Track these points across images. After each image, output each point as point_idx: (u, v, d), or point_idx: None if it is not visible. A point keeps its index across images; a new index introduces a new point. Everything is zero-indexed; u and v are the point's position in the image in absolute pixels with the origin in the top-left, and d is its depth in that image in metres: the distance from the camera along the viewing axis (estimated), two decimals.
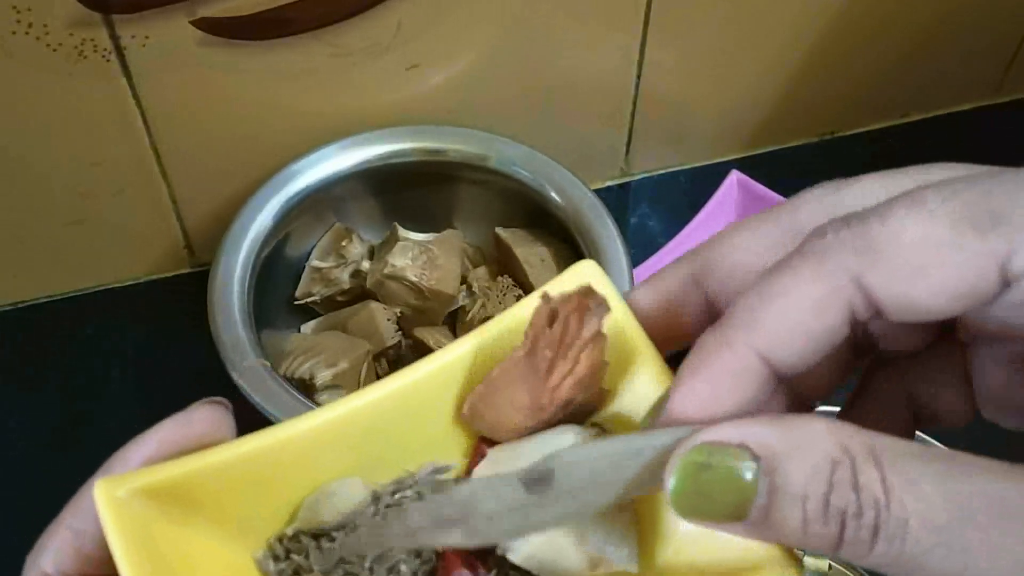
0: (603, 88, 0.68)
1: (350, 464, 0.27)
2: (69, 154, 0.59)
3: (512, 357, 0.27)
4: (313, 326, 0.63)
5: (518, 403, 0.26)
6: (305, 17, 0.57)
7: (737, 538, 0.24)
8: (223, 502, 0.25)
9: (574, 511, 0.24)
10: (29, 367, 0.64)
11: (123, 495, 0.23)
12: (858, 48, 0.71)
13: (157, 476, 0.24)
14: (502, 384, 0.27)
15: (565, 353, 0.26)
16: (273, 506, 0.26)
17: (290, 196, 0.59)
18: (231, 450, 0.25)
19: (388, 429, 0.27)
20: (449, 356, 0.27)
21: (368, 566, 0.26)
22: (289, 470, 0.26)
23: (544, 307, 0.26)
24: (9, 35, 0.52)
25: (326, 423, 0.26)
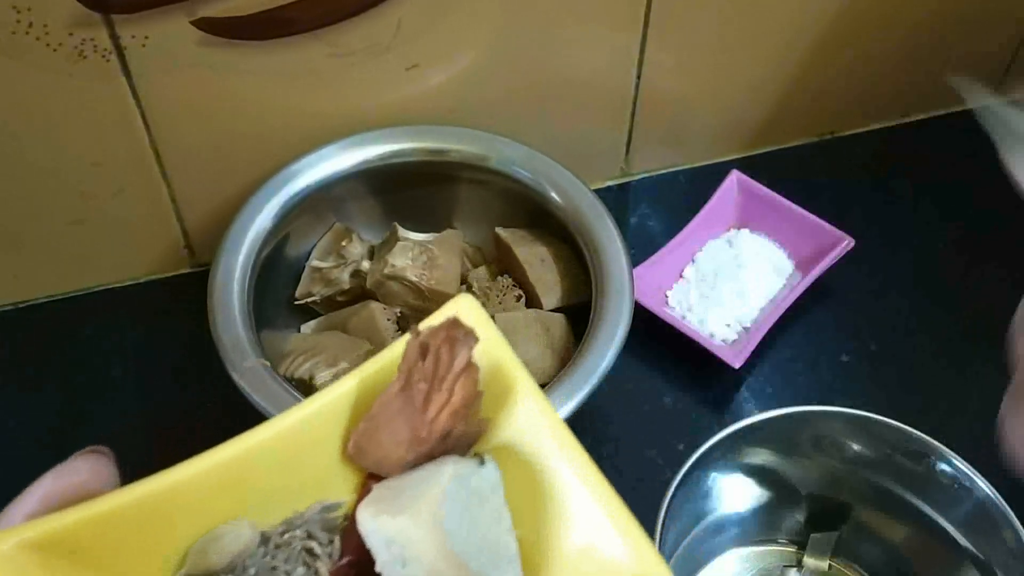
0: (603, 88, 0.68)
1: (238, 506, 0.27)
2: (69, 154, 0.59)
3: (388, 392, 0.27)
4: (313, 326, 0.63)
5: (399, 437, 0.27)
6: (305, 17, 0.57)
7: (617, 557, 0.25)
8: (110, 552, 0.24)
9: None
10: (29, 367, 0.64)
11: (5, 550, 0.22)
12: (858, 48, 0.71)
13: (40, 528, 0.23)
14: (382, 420, 0.27)
15: (440, 385, 0.27)
16: (161, 553, 0.26)
17: (290, 196, 0.59)
18: (115, 499, 0.24)
19: (274, 470, 0.27)
20: (331, 395, 0.28)
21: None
22: (175, 516, 0.26)
23: (414, 340, 0.27)
24: (9, 35, 0.52)
25: (211, 467, 0.26)
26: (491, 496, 0.27)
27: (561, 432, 0.28)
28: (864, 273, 0.69)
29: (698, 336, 0.63)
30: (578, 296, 0.61)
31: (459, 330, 0.27)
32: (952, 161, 0.76)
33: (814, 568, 0.55)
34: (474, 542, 0.25)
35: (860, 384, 0.64)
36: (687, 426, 0.62)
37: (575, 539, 0.26)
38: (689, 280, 0.68)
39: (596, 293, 0.56)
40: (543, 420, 0.28)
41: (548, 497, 0.27)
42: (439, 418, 0.27)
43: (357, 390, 0.28)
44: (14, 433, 0.62)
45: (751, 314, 0.65)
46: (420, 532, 0.25)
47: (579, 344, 0.54)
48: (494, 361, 0.28)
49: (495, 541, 0.26)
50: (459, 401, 0.27)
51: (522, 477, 0.27)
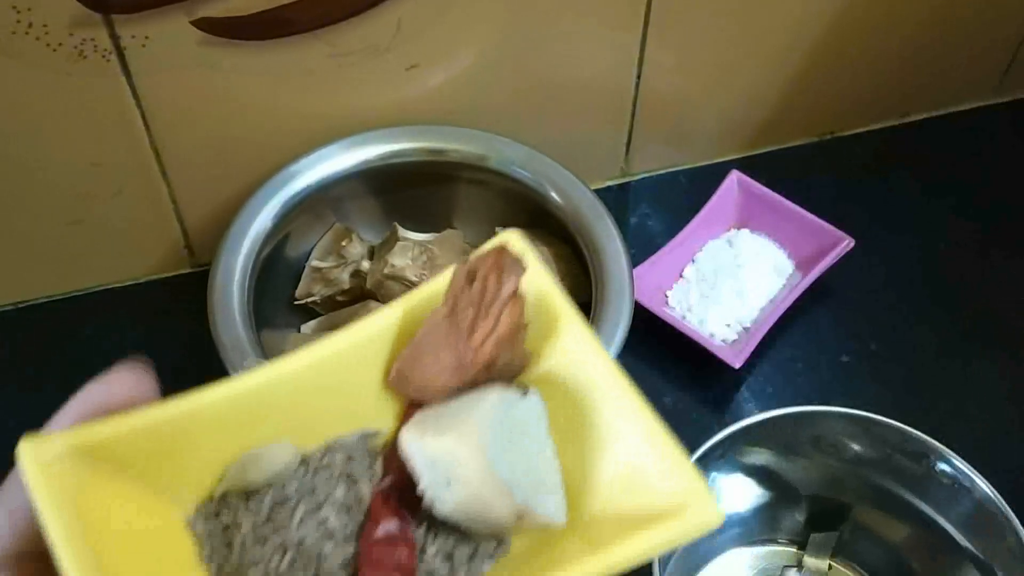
0: (603, 88, 0.68)
1: (279, 428, 0.27)
2: (69, 154, 0.59)
3: (434, 318, 0.27)
4: (313, 326, 0.63)
5: (443, 364, 0.27)
6: (305, 17, 0.57)
7: (660, 487, 0.25)
8: (150, 463, 0.25)
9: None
10: (29, 367, 0.64)
11: (48, 456, 0.23)
12: (858, 48, 0.71)
13: (83, 436, 0.23)
14: (427, 346, 0.27)
15: (486, 312, 0.27)
16: (202, 468, 0.26)
17: (290, 196, 0.59)
18: (158, 411, 0.25)
19: (316, 395, 0.27)
20: (375, 324, 0.28)
21: (297, 522, 0.26)
22: (217, 432, 0.26)
23: (462, 267, 0.27)
24: (9, 35, 0.52)
25: (255, 387, 0.26)
26: (534, 426, 0.26)
27: (605, 362, 0.27)
28: (864, 273, 0.69)
29: (698, 336, 0.63)
30: (578, 296, 0.61)
31: (507, 257, 0.27)
32: (952, 161, 0.76)
33: (814, 568, 0.55)
34: (519, 468, 0.25)
35: (860, 384, 0.64)
36: (687, 426, 0.62)
37: (618, 468, 0.26)
38: (689, 280, 0.68)
39: (596, 293, 0.56)
40: (588, 350, 0.27)
41: (592, 426, 0.27)
42: (484, 346, 0.27)
43: (402, 319, 0.28)
44: (14, 433, 0.61)
45: (751, 314, 0.65)
46: (465, 453, 0.25)
47: None
48: (539, 292, 0.28)
49: (538, 469, 0.26)
50: (505, 329, 0.27)
51: (566, 407, 0.27)
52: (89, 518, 0.23)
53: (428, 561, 0.26)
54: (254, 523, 0.26)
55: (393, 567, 0.25)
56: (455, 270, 0.27)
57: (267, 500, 0.26)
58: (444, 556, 0.26)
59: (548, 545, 0.26)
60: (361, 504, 0.27)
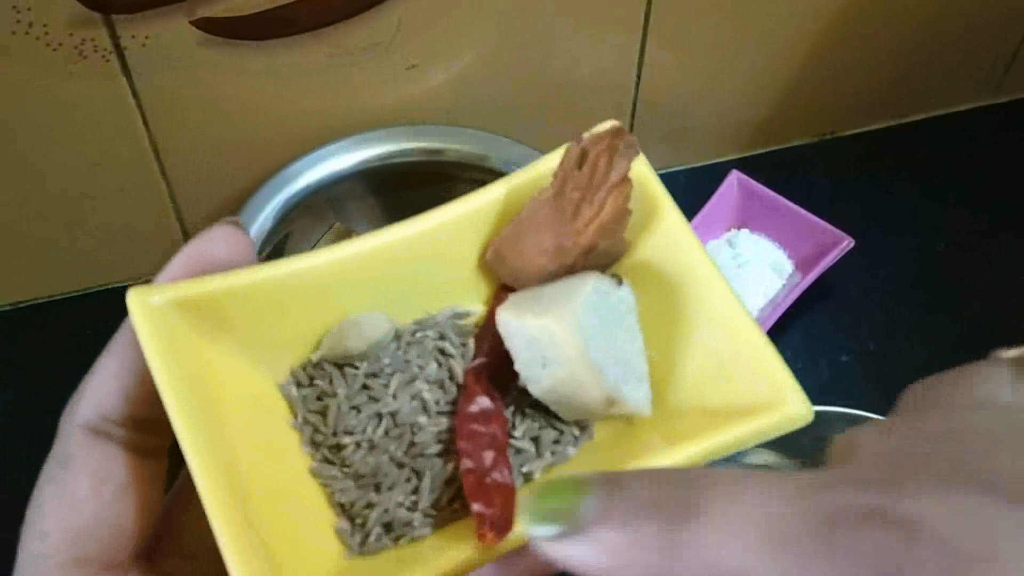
0: (603, 88, 0.68)
1: (374, 299, 0.27)
2: (69, 154, 0.59)
3: (539, 198, 0.27)
4: None
5: (542, 245, 0.27)
6: (305, 17, 0.57)
7: (748, 381, 0.24)
8: (249, 324, 0.25)
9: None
10: (29, 367, 0.64)
11: (155, 303, 0.23)
12: (858, 48, 0.71)
13: (188, 290, 0.24)
14: (528, 227, 0.27)
15: (592, 196, 0.26)
16: (298, 333, 0.26)
17: (290, 196, 0.59)
18: (259, 273, 0.25)
19: (413, 268, 0.27)
20: (476, 201, 0.27)
21: (392, 393, 0.26)
22: (314, 299, 0.26)
23: (575, 147, 0.27)
24: (9, 35, 0.52)
25: (353, 256, 0.26)
26: (627, 316, 0.26)
27: (699, 254, 0.27)
28: (864, 273, 0.69)
29: None
30: None
31: (621, 141, 0.26)
32: (952, 161, 0.76)
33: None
34: (611, 355, 0.25)
35: (860, 384, 0.64)
36: None
37: (707, 361, 0.26)
38: None
39: None
40: (683, 241, 0.27)
41: (682, 318, 0.27)
42: (587, 230, 0.26)
43: (505, 198, 0.27)
44: (14, 433, 0.62)
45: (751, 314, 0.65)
46: (564, 334, 0.24)
47: None
48: (641, 179, 0.28)
49: (628, 358, 0.26)
50: (608, 215, 0.26)
51: (658, 297, 0.27)
52: (189, 365, 0.23)
53: (516, 441, 0.26)
54: (348, 392, 0.26)
55: (488, 441, 0.25)
56: (567, 149, 0.27)
57: (362, 369, 0.26)
58: (531, 437, 0.26)
59: (632, 435, 0.26)
60: (454, 380, 0.27)
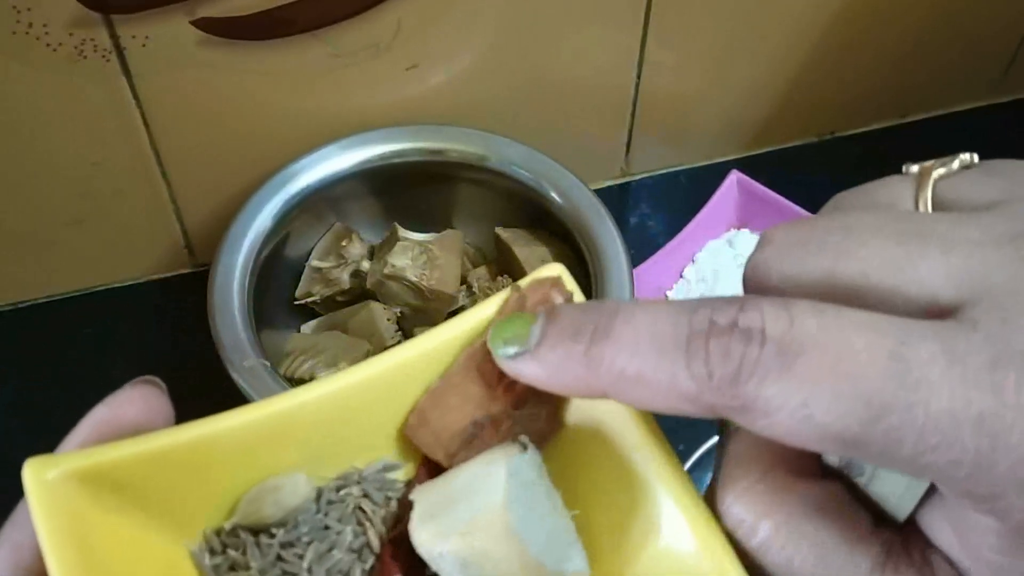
0: (603, 88, 0.68)
1: (296, 459, 0.25)
2: (69, 154, 0.59)
3: (471, 348, 0.26)
4: (313, 326, 0.63)
5: (469, 395, 0.25)
6: (305, 17, 0.57)
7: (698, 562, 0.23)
8: (159, 491, 0.24)
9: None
10: (29, 367, 0.64)
11: (52, 477, 0.22)
12: (858, 48, 0.71)
13: (89, 459, 0.22)
14: (457, 380, 0.26)
15: None
16: (212, 498, 0.25)
17: (290, 196, 0.59)
18: (170, 436, 0.23)
19: (338, 425, 0.26)
20: (409, 352, 0.26)
21: (307, 567, 0.25)
22: (231, 461, 0.25)
23: (514, 295, 0.26)
24: (9, 35, 0.52)
25: (272, 415, 0.25)
26: (539, 481, 0.25)
27: (645, 420, 0.26)
28: None
29: None
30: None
31: (560, 290, 0.26)
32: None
33: None
34: (541, 538, 0.24)
35: None
36: (687, 427, 0.61)
37: (651, 533, 0.25)
38: (689, 280, 0.68)
39: (596, 293, 0.56)
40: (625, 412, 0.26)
41: (625, 485, 0.26)
42: (518, 382, 0.25)
43: (439, 349, 0.26)
44: (14, 433, 0.62)
45: None
46: (500, 548, 0.23)
47: None
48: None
49: (555, 528, 0.25)
50: None
51: (598, 458, 0.26)
52: (91, 544, 0.22)
53: None
54: (261, 565, 0.25)
55: None
56: (507, 296, 0.26)
57: (278, 538, 0.25)
58: None
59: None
60: (372, 549, 0.26)
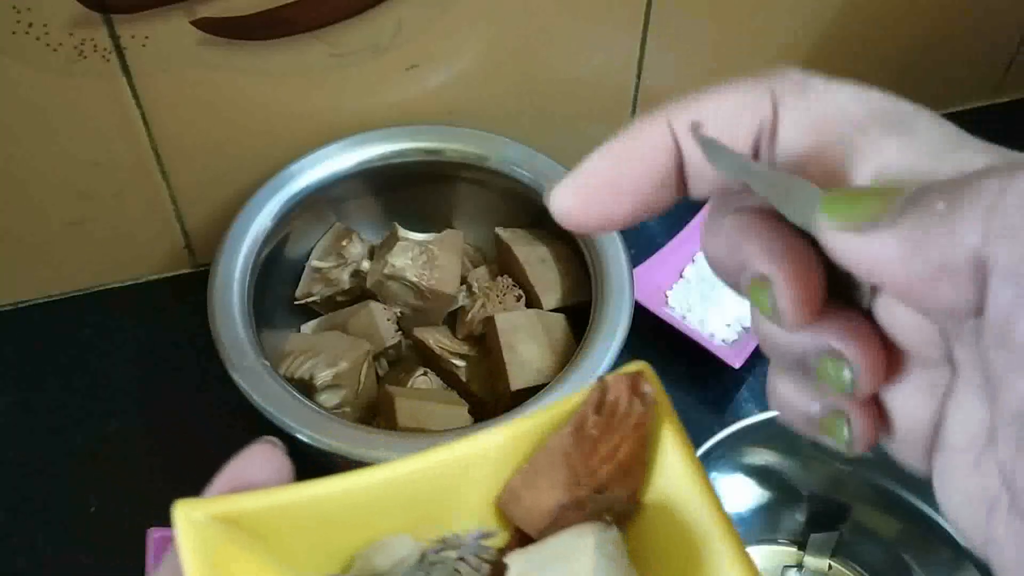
0: (603, 88, 0.68)
1: (403, 521, 0.28)
2: (69, 154, 0.59)
3: (559, 434, 0.28)
4: (313, 326, 0.63)
5: (557, 477, 0.28)
6: (305, 17, 0.57)
7: None
8: (286, 539, 0.27)
9: None
10: (29, 367, 0.64)
11: (198, 518, 0.25)
12: (858, 48, 0.71)
13: (230, 505, 0.26)
14: (545, 461, 0.28)
15: (610, 436, 0.27)
16: (331, 550, 0.28)
17: (290, 196, 0.59)
18: (297, 492, 0.27)
19: (440, 493, 0.28)
20: (504, 434, 0.29)
21: None
22: (345, 519, 0.28)
23: (597, 388, 0.28)
24: (9, 35, 0.52)
25: (384, 480, 0.28)
26: (620, 558, 0.27)
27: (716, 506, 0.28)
28: None
29: (698, 336, 0.63)
30: (578, 296, 0.61)
31: (642, 385, 0.28)
32: None
33: (814, 568, 0.55)
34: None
35: None
36: (687, 426, 0.62)
37: None
38: (689, 280, 0.68)
39: (596, 293, 0.56)
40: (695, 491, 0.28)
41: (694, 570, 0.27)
42: (601, 469, 0.27)
43: (529, 433, 0.29)
44: (14, 433, 0.62)
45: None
46: None
47: (579, 344, 0.54)
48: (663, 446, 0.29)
49: None
50: (624, 456, 0.28)
51: (673, 542, 0.28)
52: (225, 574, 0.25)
53: None
54: None
55: None
56: (591, 387, 0.28)
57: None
58: None
59: None
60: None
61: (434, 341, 0.61)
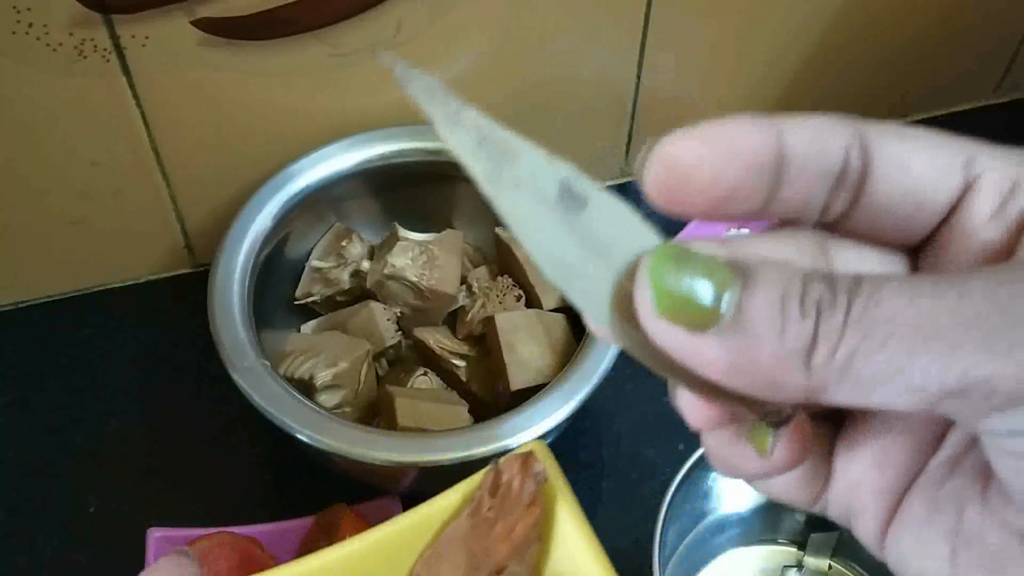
0: (603, 88, 0.68)
1: None
2: (69, 154, 0.59)
3: (458, 519, 0.29)
4: (313, 326, 0.63)
5: (457, 563, 0.28)
6: (305, 17, 0.57)
7: None
8: None
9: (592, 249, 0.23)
10: (29, 367, 0.64)
11: None
12: (858, 48, 0.71)
13: None
14: (446, 546, 0.29)
15: (506, 517, 0.28)
16: None
17: (290, 196, 0.60)
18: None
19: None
20: (402, 523, 0.30)
21: None
22: None
23: (491, 471, 0.29)
24: (9, 35, 0.52)
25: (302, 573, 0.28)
26: None
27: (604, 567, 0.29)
28: None
29: None
30: None
31: (531, 466, 0.29)
32: None
33: (814, 568, 0.55)
34: None
35: None
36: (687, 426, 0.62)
37: None
38: None
39: None
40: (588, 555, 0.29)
41: None
42: (498, 548, 0.28)
43: (428, 520, 0.30)
44: (14, 433, 0.62)
45: None
46: None
47: (579, 344, 0.54)
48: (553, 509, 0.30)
49: None
50: (520, 537, 0.28)
51: None
52: None
53: None
54: None
55: None
56: (486, 472, 0.29)
57: None
58: None
59: None
60: None
61: (434, 341, 0.61)
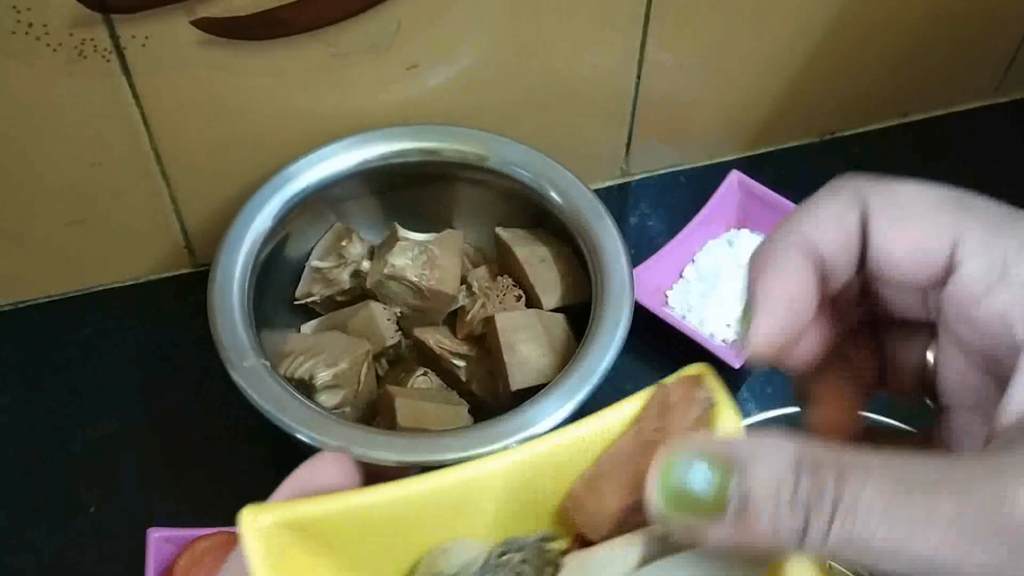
0: (603, 88, 0.68)
1: (467, 525, 0.29)
2: (69, 154, 0.59)
3: (621, 440, 0.29)
4: (313, 326, 0.63)
5: (621, 480, 0.28)
6: (304, 17, 0.57)
7: None
8: (351, 544, 0.27)
9: None
10: (29, 367, 0.64)
11: (265, 523, 0.25)
12: (858, 48, 0.71)
13: (295, 511, 0.26)
14: (608, 466, 0.29)
15: (669, 438, 0.28)
16: (396, 555, 0.28)
17: (290, 196, 0.59)
18: (363, 497, 0.27)
19: (503, 498, 0.29)
20: (564, 438, 0.29)
21: None
22: (408, 523, 0.28)
23: (657, 393, 0.29)
24: (9, 35, 0.52)
25: (445, 486, 0.28)
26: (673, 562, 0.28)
27: None
28: None
29: (698, 336, 0.63)
30: (578, 296, 0.61)
31: (700, 388, 0.29)
32: (952, 161, 0.76)
33: None
34: None
35: None
36: None
37: None
38: (689, 280, 0.68)
39: (596, 293, 0.56)
40: None
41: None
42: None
43: (589, 438, 0.30)
44: (14, 433, 0.62)
45: None
46: None
47: (579, 344, 0.54)
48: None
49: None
50: None
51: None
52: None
53: None
54: None
55: None
56: (652, 394, 0.29)
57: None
58: None
59: None
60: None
61: (434, 341, 0.61)
